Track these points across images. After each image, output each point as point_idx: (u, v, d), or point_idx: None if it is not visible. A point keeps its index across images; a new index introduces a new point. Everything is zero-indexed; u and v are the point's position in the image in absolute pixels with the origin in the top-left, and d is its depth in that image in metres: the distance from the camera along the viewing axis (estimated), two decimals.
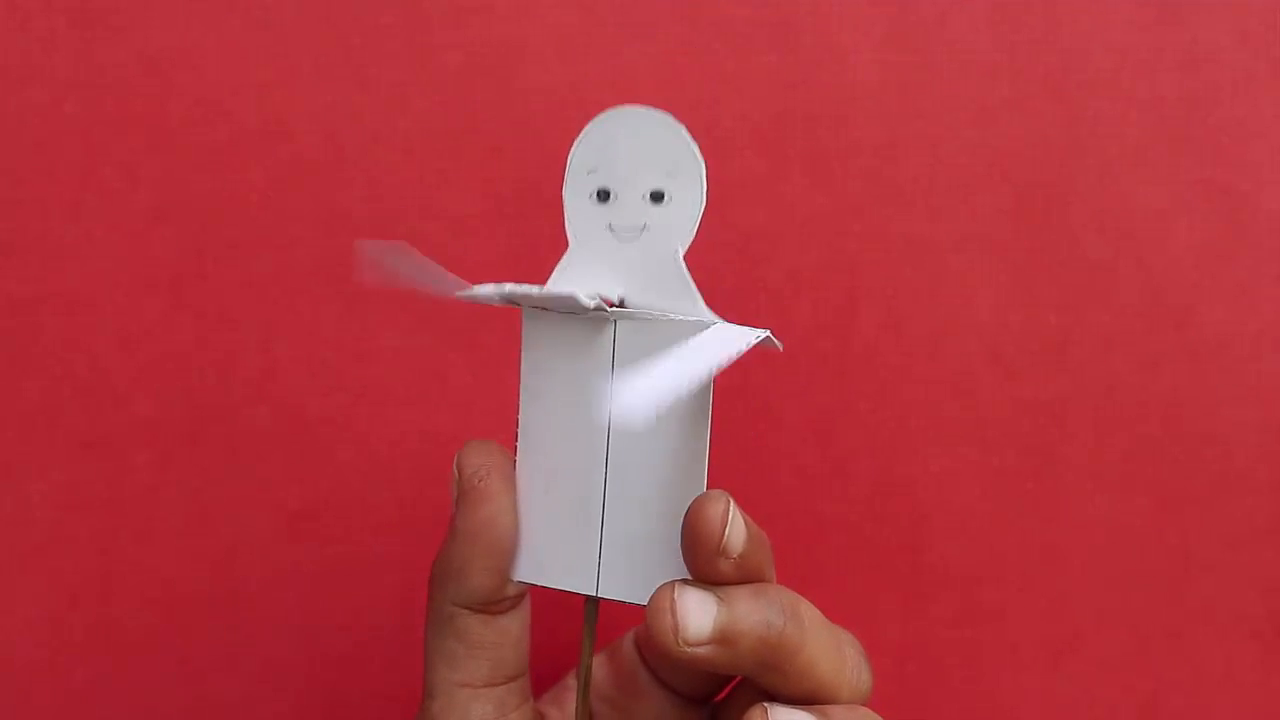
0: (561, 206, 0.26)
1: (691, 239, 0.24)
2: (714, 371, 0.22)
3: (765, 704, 0.24)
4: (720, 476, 0.24)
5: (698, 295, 0.24)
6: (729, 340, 0.23)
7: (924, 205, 0.36)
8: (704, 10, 0.35)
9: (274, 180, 0.36)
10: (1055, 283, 0.36)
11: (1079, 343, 0.36)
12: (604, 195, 0.25)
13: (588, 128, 0.25)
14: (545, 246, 0.35)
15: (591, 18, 0.35)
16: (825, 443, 0.36)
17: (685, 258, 0.24)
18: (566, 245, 0.26)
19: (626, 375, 0.21)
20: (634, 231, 0.25)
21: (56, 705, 0.37)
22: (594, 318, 0.25)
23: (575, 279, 0.25)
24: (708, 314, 0.24)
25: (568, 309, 0.24)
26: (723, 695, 0.29)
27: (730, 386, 0.35)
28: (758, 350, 0.24)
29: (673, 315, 0.24)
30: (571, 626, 0.31)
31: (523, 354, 0.26)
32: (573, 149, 0.25)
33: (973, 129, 0.35)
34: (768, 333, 0.24)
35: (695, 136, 0.25)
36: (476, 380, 0.36)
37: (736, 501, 0.23)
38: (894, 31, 0.35)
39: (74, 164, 0.36)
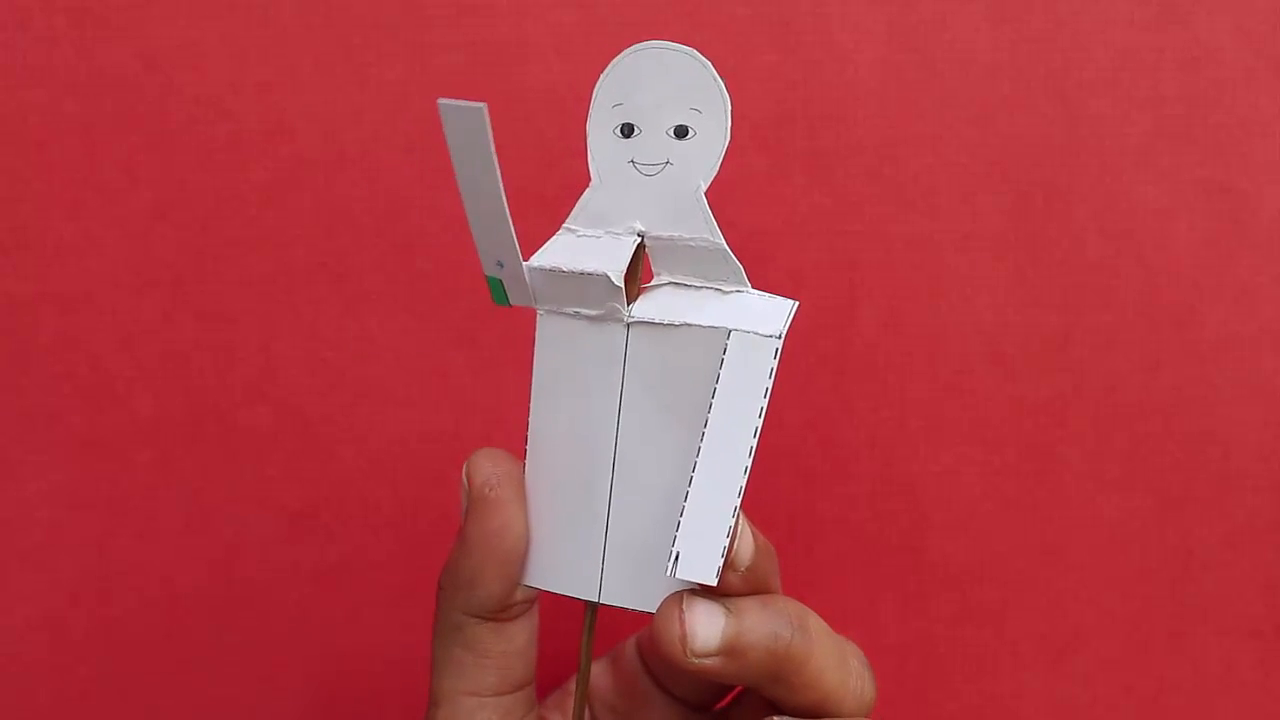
0: (564, 220, 0.25)
1: (714, 175, 0.24)
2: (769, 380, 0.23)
3: (776, 717, 0.24)
4: None
5: (717, 229, 0.24)
6: (758, 323, 0.23)
7: (924, 205, 0.36)
8: (704, 10, 0.35)
9: (274, 180, 0.36)
10: (1055, 283, 0.36)
11: (1079, 343, 0.36)
12: (628, 130, 0.25)
13: (614, 62, 0.25)
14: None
15: (591, 17, 0.35)
16: (825, 443, 0.36)
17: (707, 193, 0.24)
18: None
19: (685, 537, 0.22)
20: (657, 166, 0.25)
21: (56, 705, 0.37)
22: (608, 321, 0.25)
23: (597, 215, 0.25)
24: (724, 247, 0.24)
25: (595, 287, 0.24)
26: (725, 703, 0.29)
27: None
28: None
29: (688, 320, 0.24)
30: (574, 630, 0.31)
31: (535, 357, 0.26)
32: (598, 83, 0.25)
33: (973, 129, 0.35)
34: (796, 304, 0.24)
35: None
36: (476, 380, 0.36)
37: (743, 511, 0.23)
38: (894, 31, 0.35)
39: (74, 164, 0.36)
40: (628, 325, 0.25)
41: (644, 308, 0.25)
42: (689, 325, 0.24)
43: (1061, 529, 0.36)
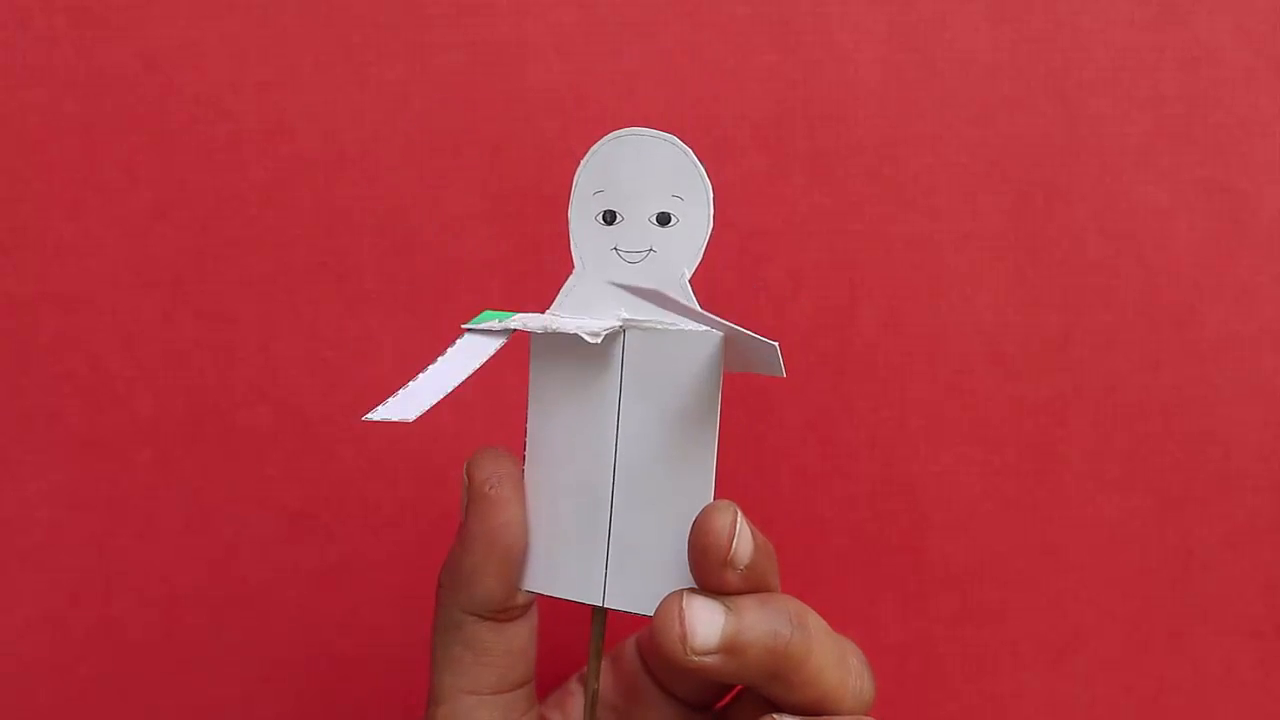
0: (564, 220, 0.25)
1: (698, 262, 0.24)
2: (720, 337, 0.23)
3: (775, 715, 0.24)
4: (721, 477, 0.24)
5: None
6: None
7: (924, 205, 0.36)
8: (704, 10, 0.35)
9: (274, 180, 0.36)
10: (1055, 283, 0.36)
11: (1079, 342, 0.36)
12: (610, 217, 0.25)
13: (594, 149, 0.25)
14: (545, 246, 0.35)
15: (591, 17, 0.35)
16: (825, 443, 0.36)
17: (690, 280, 0.24)
18: (569, 256, 0.26)
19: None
20: (640, 254, 0.25)
21: (57, 705, 0.37)
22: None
23: (581, 303, 0.25)
24: (714, 335, 0.24)
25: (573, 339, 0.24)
26: (725, 702, 0.29)
27: (731, 386, 0.35)
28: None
29: (681, 325, 0.24)
30: (573, 630, 0.31)
31: (532, 364, 0.26)
32: (578, 170, 0.25)
33: (973, 129, 0.35)
34: (775, 344, 0.24)
35: (696, 136, 0.24)
36: (477, 380, 0.36)
37: (742, 511, 0.23)
38: (894, 31, 0.35)
39: (74, 164, 0.36)
40: (623, 329, 0.25)
41: (637, 312, 0.25)
42: (681, 330, 0.24)
43: (1061, 529, 0.36)
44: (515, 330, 0.25)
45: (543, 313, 0.26)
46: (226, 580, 0.36)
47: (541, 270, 0.36)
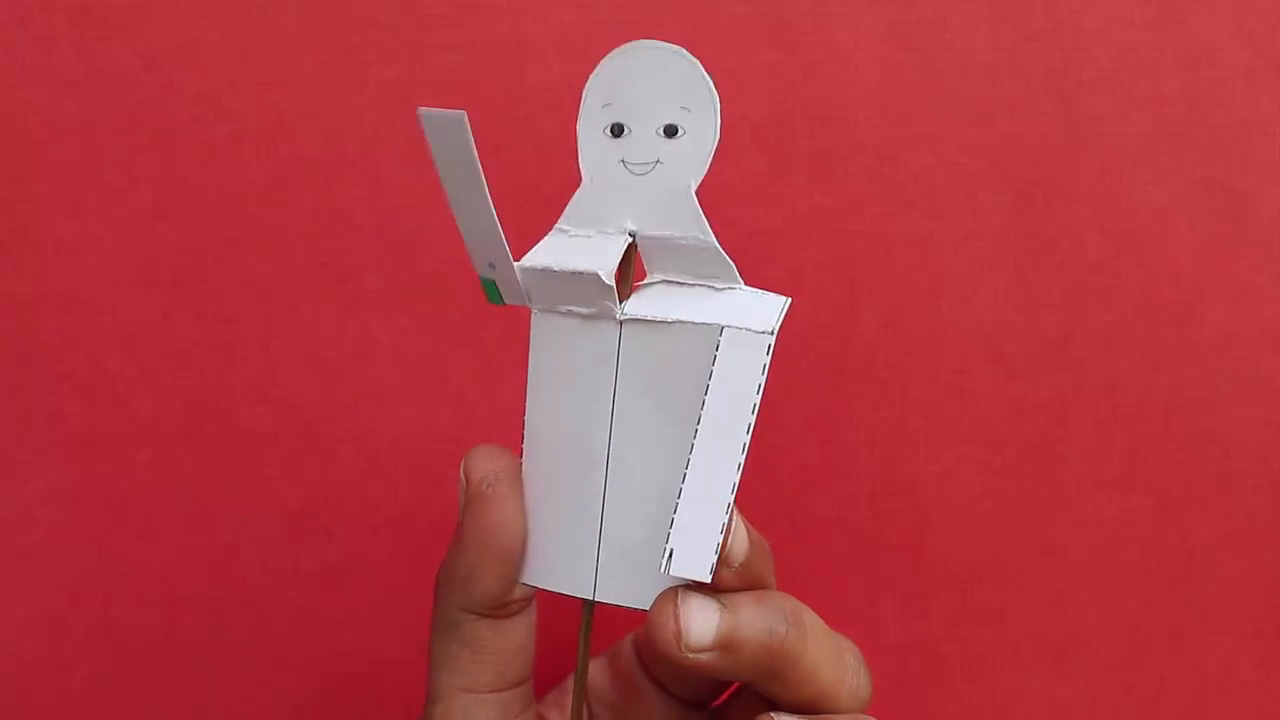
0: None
1: (704, 173, 0.24)
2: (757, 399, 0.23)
3: (773, 714, 0.24)
4: None
5: (708, 228, 0.24)
6: (749, 319, 0.23)
7: (924, 204, 0.36)
8: (704, 9, 0.35)
9: (274, 180, 0.36)
10: (1055, 282, 0.36)
11: (1079, 342, 0.36)
12: (617, 130, 0.25)
13: (602, 63, 0.25)
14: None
15: (592, 17, 0.35)
16: (825, 443, 0.36)
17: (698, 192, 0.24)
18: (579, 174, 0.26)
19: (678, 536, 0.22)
20: (647, 166, 0.25)
21: (57, 705, 0.37)
22: (601, 319, 0.25)
23: (589, 215, 0.25)
24: (715, 245, 0.24)
25: (586, 286, 0.24)
26: (721, 700, 0.29)
27: None
28: None
29: (680, 318, 0.24)
30: (572, 628, 0.31)
31: (530, 356, 0.26)
32: (587, 84, 0.25)
33: (973, 129, 0.35)
34: (788, 300, 0.24)
35: None
36: (476, 380, 0.36)
37: (739, 509, 0.23)
38: (894, 31, 0.35)
39: (74, 163, 0.36)
40: (620, 323, 0.25)
41: (636, 305, 0.25)
42: (681, 322, 0.24)
43: (1061, 529, 0.36)
44: (530, 268, 0.25)
45: (551, 231, 0.26)
46: (226, 580, 0.36)
47: None
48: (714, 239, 0.24)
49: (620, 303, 0.25)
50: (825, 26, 0.35)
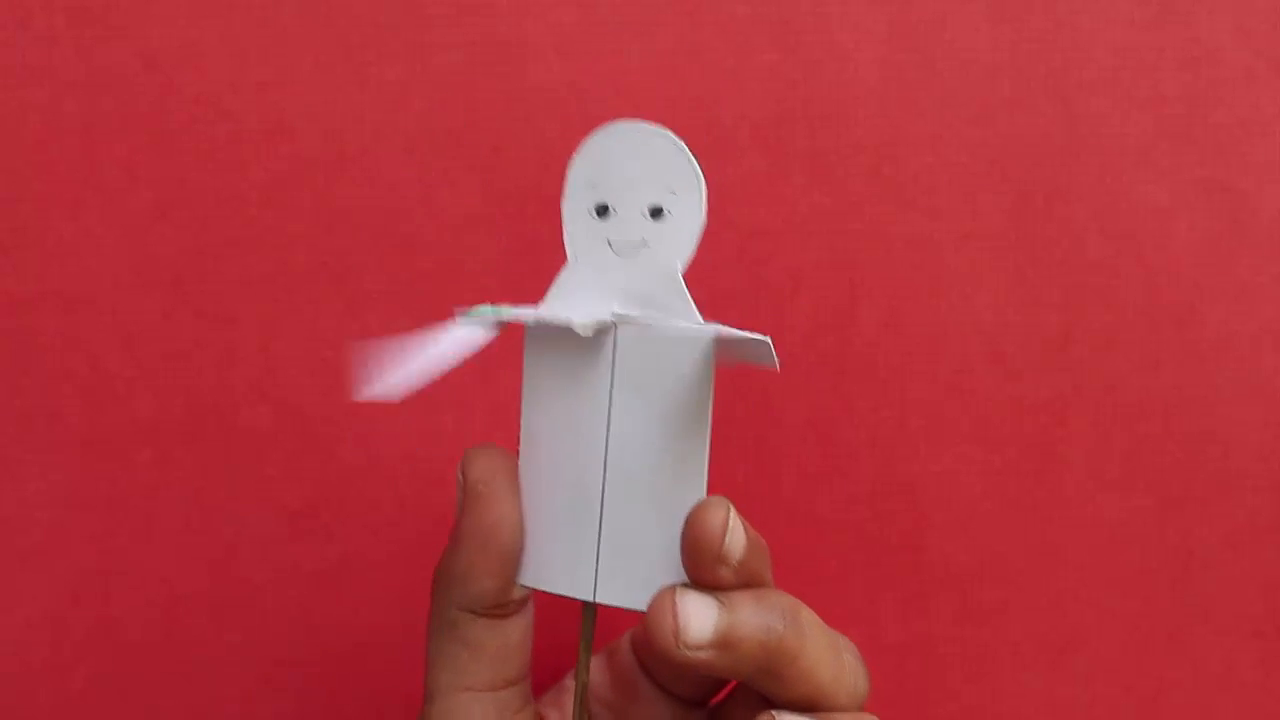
0: (560, 211, 0.25)
1: (691, 255, 0.24)
2: (713, 343, 0.23)
3: (774, 712, 0.24)
4: (720, 476, 0.24)
5: (695, 310, 0.24)
6: (731, 331, 0.23)
7: (924, 204, 0.36)
8: (704, 9, 0.35)
9: (274, 179, 0.36)
10: (1055, 282, 0.36)
11: (1079, 342, 0.36)
12: (603, 210, 0.25)
13: (586, 141, 0.25)
14: (545, 247, 0.35)
15: (592, 17, 0.35)
16: (825, 443, 0.36)
17: (684, 274, 0.24)
18: (564, 251, 0.25)
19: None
20: (633, 247, 0.25)
21: (56, 705, 0.37)
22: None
23: (574, 295, 0.25)
24: (704, 331, 0.24)
25: (564, 329, 0.24)
26: (719, 698, 0.29)
27: (730, 386, 0.35)
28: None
29: (673, 323, 0.24)
30: (570, 627, 0.31)
31: (525, 360, 0.26)
32: (571, 163, 0.25)
33: (973, 129, 0.35)
34: (768, 339, 0.24)
35: (695, 136, 0.24)
36: (476, 380, 0.36)
37: (735, 507, 0.23)
38: (894, 31, 0.35)
39: (74, 163, 0.36)
40: (615, 325, 0.25)
41: (631, 309, 0.25)
42: (674, 327, 0.24)
43: (1061, 529, 0.36)
44: (507, 322, 0.25)
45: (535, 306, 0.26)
46: (226, 580, 0.36)
47: (541, 270, 0.35)
48: (700, 320, 0.24)
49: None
50: (825, 26, 0.35)
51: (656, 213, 0.24)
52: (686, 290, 0.24)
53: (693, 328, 0.24)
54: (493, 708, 0.25)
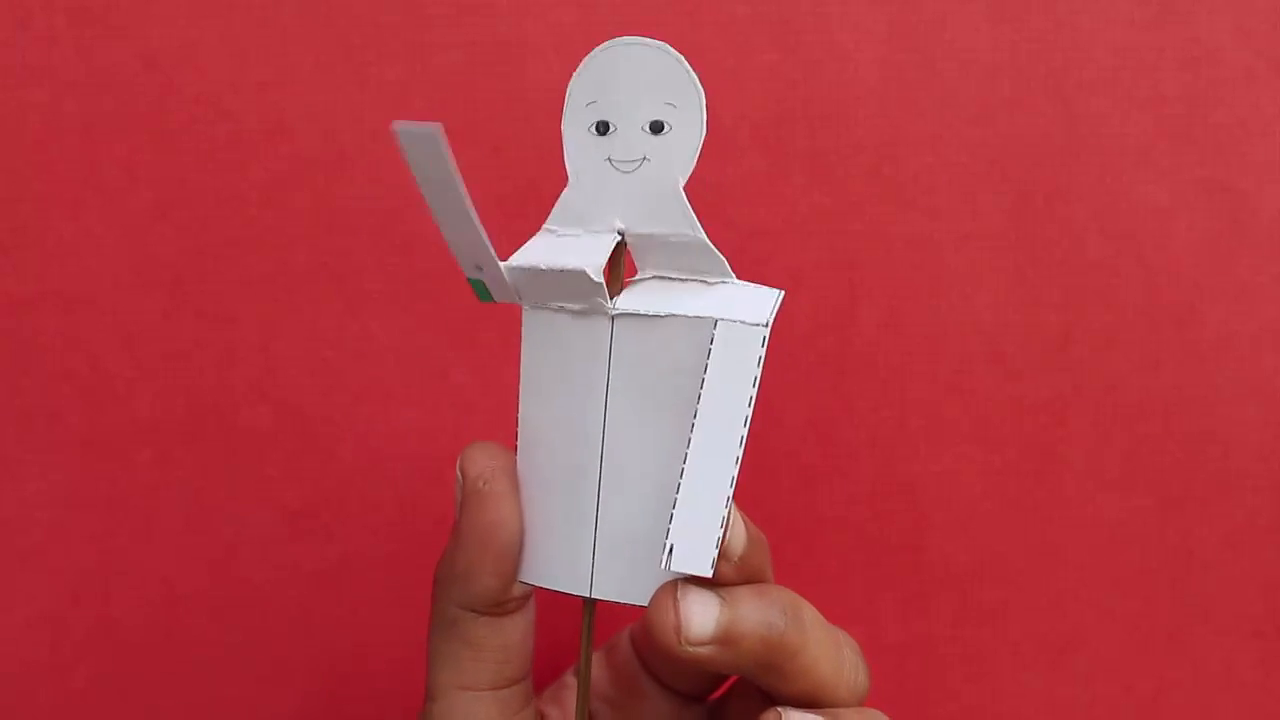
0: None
1: (691, 169, 0.24)
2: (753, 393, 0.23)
3: (779, 708, 0.24)
4: None
5: (697, 224, 0.24)
6: (745, 347, 0.23)
7: (924, 204, 0.36)
8: (704, 9, 0.35)
9: (274, 180, 0.36)
10: (1055, 282, 0.36)
11: (1079, 342, 0.36)
12: (603, 128, 0.25)
13: (586, 60, 0.25)
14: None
15: (591, 17, 0.35)
16: (825, 443, 0.36)
17: (685, 187, 0.24)
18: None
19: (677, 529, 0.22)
20: (633, 163, 0.24)
21: (56, 705, 0.37)
22: (592, 315, 0.25)
23: (576, 215, 0.25)
24: (704, 240, 0.24)
25: (575, 283, 0.24)
26: (719, 694, 0.29)
27: None
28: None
29: (673, 311, 0.24)
30: (570, 624, 0.31)
31: (522, 354, 0.26)
32: (571, 81, 0.25)
33: (973, 129, 0.35)
34: (781, 293, 0.24)
35: None
36: (476, 380, 0.36)
37: (737, 505, 0.23)
38: (894, 31, 0.35)
39: (74, 163, 0.36)
40: (612, 318, 0.25)
41: (628, 300, 0.25)
42: (674, 316, 0.24)
43: (1061, 529, 0.36)
44: (521, 267, 0.24)
45: (539, 231, 0.25)
46: (226, 580, 0.36)
47: None
48: (703, 234, 0.24)
49: (611, 299, 0.25)
50: (825, 26, 0.35)
51: (657, 128, 0.24)
52: (689, 204, 0.24)
53: (693, 315, 0.24)
54: (494, 706, 0.25)
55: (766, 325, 0.23)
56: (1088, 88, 0.35)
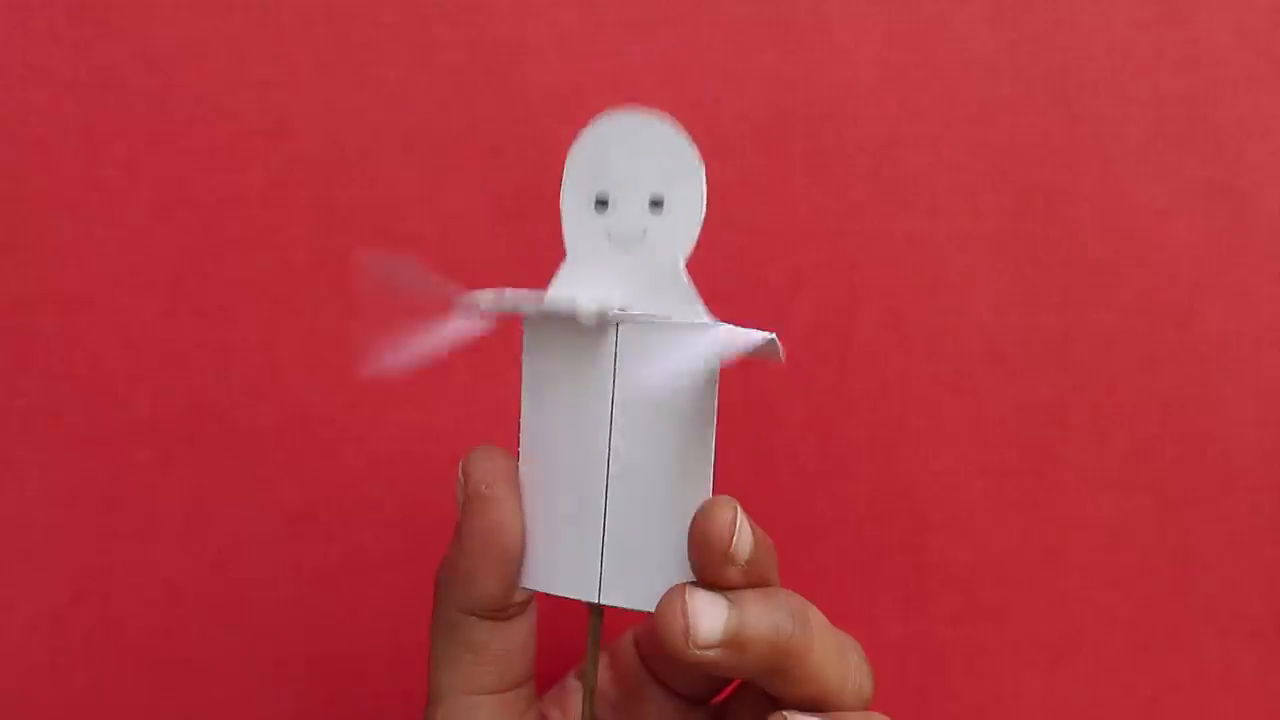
0: (557, 219, 0.25)
1: (692, 246, 0.24)
2: (716, 360, 0.22)
3: (785, 712, 0.24)
4: (721, 476, 0.24)
5: (700, 303, 0.24)
6: (734, 337, 0.23)
7: (924, 204, 0.36)
8: (704, 9, 0.35)
9: (274, 180, 0.36)
10: (1055, 283, 0.36)
11: (1079, 342, 0.36)
12: (602, 203, 0.24)
13: (584, 133, 0.24)
14: (545, 247, 0.35)
15: (592, 17, 0.35)
16: (825, 443, 0.36)
17: (687, 264, 0.24)
18: (565, 252, 0.25)
19: (635, 367, 0.21)
20: (633, 240, 0.24)
21: (56, 705, 0.37)
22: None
23: (574, 288, 0.25)
24: (711, 320, 0.24)
25: (568, 317, 0.24)
26: (723, 696, 0.29)
27: (730, 386, 0.35)
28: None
29: (675, 319, 0.24)
30: (572, 626, 0.31)
31: (524, 360, 0.26)
32: (569, 155, 0.25)
33: (973, 129, 0.35)
34: (774, 336, 0.23)
35: (695, 136, 0.24)
36: (476, 380, 0.36)
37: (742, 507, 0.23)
38: (894, 31, 0.35)
39: (74, 164, 0.36)
40: (616, 324, 0.24)
41: (633, 304, 0.25)
42: (676, 323, 0.24)
43: (1061, 529, 0.36)
44: (509, 311, 0.24)
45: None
46: (226, 580, 0.36)
47: (542, 270, 0.35)
48: (705, 315, 0.24)
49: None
50: (825, 26, 0.35)
51: (657, 203, 0.24)
52: (690, 282, 0.24)
53: (697, 324, 0.24)
54: (497, 710, 0.25)
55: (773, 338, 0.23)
56: (1088, 88, 0.35)
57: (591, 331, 0.25)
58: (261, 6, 0.35)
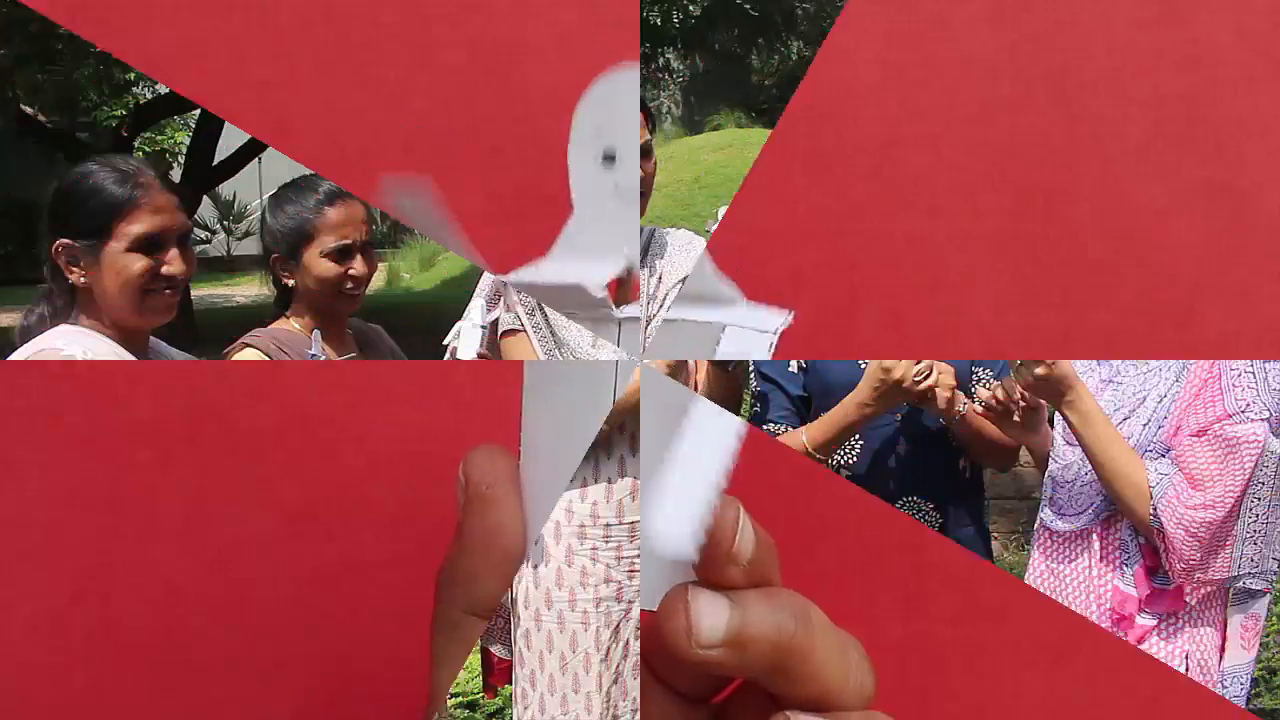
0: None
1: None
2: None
3: (787, 712, 0.24)
4: None
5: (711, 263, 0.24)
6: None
7: (924, 204, 0.36)
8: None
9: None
10: (1055, 283, 0.36)
11: (1079, 342, 0.36)
12: (609, 157, 0.24)
13: (592, 89, 0.25)
14: (545, 246, 0.35)
15: (591, 17, 0.35)
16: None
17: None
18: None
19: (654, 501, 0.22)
20: (638, 192, 0.24)
21: (56, 705, 0.36)
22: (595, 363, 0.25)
23: (581, 249, 0.25)
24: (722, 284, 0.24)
25: (578, 296, 0.24)
26: (724, 695, 0.29)
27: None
28: None
29: (682, 317, 0.24)
30: None
31: (525, 376, 0.25)
32: (576, 110, 0.25)
33: (973, 129, 0.35)
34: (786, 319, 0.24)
35: None
36: (476, 380, 0.36)
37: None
38: (894, 31, 0.35)
39: None
40: (619, 322, 0.24)
41: (634, 308, 0.25)
42: (682, 321, 0.24)
43: None
44: (518, 284, 0.24)
45: (540, 263, 0.25)
46: (226, 580, 0.36)
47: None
48: (721, 280, 0.24)
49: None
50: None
51: None
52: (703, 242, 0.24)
53: (698, 319, 0.24)
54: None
55: (775, 331, 0.23)
56: (1088, 88, 0.35)
57: (594, 329, 0.25)
58: (261, 6, 0.35)
